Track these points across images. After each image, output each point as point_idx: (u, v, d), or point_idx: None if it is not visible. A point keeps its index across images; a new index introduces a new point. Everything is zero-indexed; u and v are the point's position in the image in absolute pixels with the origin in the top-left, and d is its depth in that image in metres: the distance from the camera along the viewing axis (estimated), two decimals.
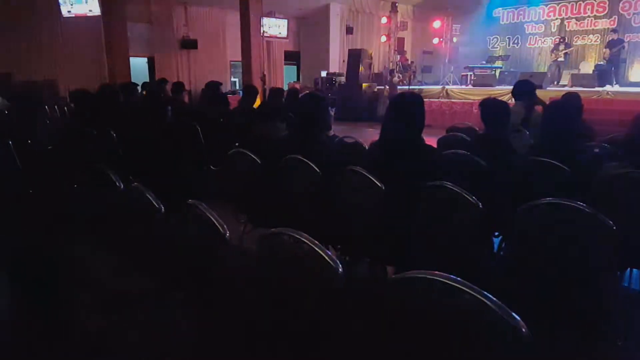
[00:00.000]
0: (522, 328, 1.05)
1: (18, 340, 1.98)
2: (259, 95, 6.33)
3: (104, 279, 2.14)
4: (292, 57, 17.18)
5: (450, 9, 15.25)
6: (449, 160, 3.01)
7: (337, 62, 16.11)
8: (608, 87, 10.40)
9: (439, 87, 12.77)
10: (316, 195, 2.81)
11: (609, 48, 11.67)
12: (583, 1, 14.68)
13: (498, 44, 16.78)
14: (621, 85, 11.42)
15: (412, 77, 14.24)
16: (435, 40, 15.59)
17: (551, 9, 15.40)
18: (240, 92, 12.52)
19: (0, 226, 2.61)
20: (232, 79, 15.86)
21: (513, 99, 4.52)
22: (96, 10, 11.26)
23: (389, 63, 15.75)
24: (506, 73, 13.69)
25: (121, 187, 2.44)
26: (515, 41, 16.38)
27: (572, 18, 14.98)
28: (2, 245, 2.46)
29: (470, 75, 13.64)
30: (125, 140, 3.99)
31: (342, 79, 14.39)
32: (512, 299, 1.12)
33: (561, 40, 13.18)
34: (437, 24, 15.29)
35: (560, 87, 11.43)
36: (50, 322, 1.98)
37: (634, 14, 13.62)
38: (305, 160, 2.86)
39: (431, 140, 3.05)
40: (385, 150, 2.68)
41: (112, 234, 2.39)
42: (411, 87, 12.91)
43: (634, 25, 13.63)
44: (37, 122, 4.69)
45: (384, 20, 15.40)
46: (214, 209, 1.82)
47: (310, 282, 1.50)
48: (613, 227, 1.84)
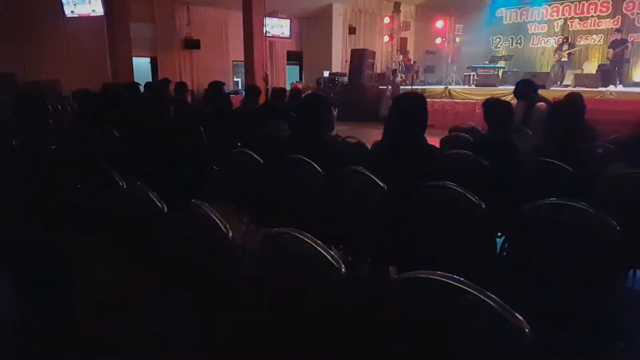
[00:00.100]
0: (525, 328, 1.05)
1: (18, 340, 1.98)
2: (261, 95, 6.33)
3: (106, 278, 2.14)
4: (294, 57, 17.19)
5: (453, 9, 15.20)
6: (451, 160, 3.01)
7: (339, 62, 16.12)
8: (611, 87, 10.36)
9: (441, 87, 12.75)
10: (319, 195, 2.81)
11: (613, 48, 11.63)
12: (586, 1, 14.63)
13: (501, 44, 16.74)
14: (625, 86, 11.37)
15: (414, 77, 14.20)
16: (438, 40, 15.55)
17: (554, 9, 15.35)
18: (242, 92, 12.52)
19: (3, 225, 2.61)
20: (235, 79, 15.89)
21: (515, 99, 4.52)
22: (99, 11, 11.31)
23: (392, 63, 15.72)
24: (509, 73, 13.60)
25: (124, 186, 2.45)
26: (519, 41, 16.34)
27: (575, 18, 14.93)
28: (4, 244, 2.47)
29: (473, 75, 13.59)
30: (128, 140, 4.00)
31: (345, 79, 14.38)
32: (515, 299, 1.12)
33: (565, 40, 13.12)
34: (439, 23, 15.25)
35: (563, 87, 11.39)
36: (51, 322, 1.99)
37: (637, 14, 13.56)
38: (308, 160, 2.86)
39: (434, 141, 3.05)
40: (388, 151, 2.67)
41: (114, 234, 2.39)
42: (414, 87, 12.86)
43: (637, 25, 13.57)
44: (40, 121, 4.70)
45: (386, 20, 15.36)
46: (216, 208, 1.83)
47: (313, 282, 1.50)
48: (617, 227, 1.84)
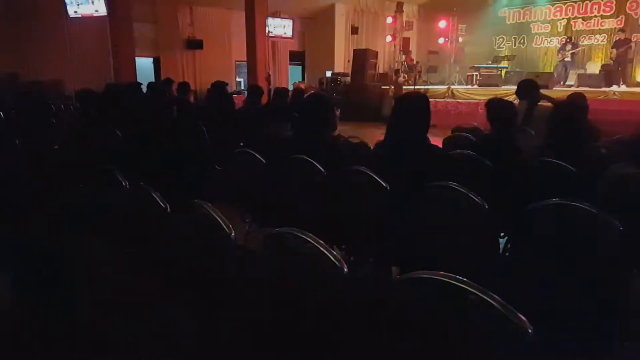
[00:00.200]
0: (528, 329, 1.04)
1: (19, 341, 1.98)
2: (264, 95, 6.33)
3: (108, 278, 2.14)
4: (297, 57, 17.19)
5: (456, 9, 15.19)
6: (454, 160, 3.01)
7: (342, 62, 16.11)
8: (615, 87, 10.34)
9: (444, 87, 12.75)
10: (321, 195, 2.81)
11: (616, 48, 11.57)
12: (590, 1, 14.58)
13: (504, 44, 16.70)
14: (628, 86, 11.34)
15: (417, 77, 14.19)
16: (441, 40, 15.52)
17: (557, 9, 15.30)
18: (245, 92, 12.53)
19: (4, 225, 2.62)
20: (238, 79, 15.90)
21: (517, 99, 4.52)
22: (102, 11, 11.35)
23: (395, 63, 15.73)
24: (512, 73, 13.58)
25: (127, 186, 2.45)
26: (522, 41, 16.30)
27: (578, 18, 14.88)
28: (5, 244, 2.47)
29: (476, 75, 13.57)
30: (131, 139, 4.01)
31: (347, 79, 14.38)
32: (518, 299, 1.11)
33: (568, 40, 13.09)
34: (442, 23, 15.23)
35: (567, 87, 11.38)
36: (52, 322, 1.99)
37: None
38: (311, 160, 2.86)
39: (437, 141, 3.05)
40: (391, 151, 2.67)
41: (117, 233, 2.40)
42: (417, 87, 12.85)
43: None
44: (43, 121, 4.71)
45: (389, 20, 15.36)
46: (219, 208, 1.83)
47: (315, 282, 1.50)
48: (620, 227, 1.83)
